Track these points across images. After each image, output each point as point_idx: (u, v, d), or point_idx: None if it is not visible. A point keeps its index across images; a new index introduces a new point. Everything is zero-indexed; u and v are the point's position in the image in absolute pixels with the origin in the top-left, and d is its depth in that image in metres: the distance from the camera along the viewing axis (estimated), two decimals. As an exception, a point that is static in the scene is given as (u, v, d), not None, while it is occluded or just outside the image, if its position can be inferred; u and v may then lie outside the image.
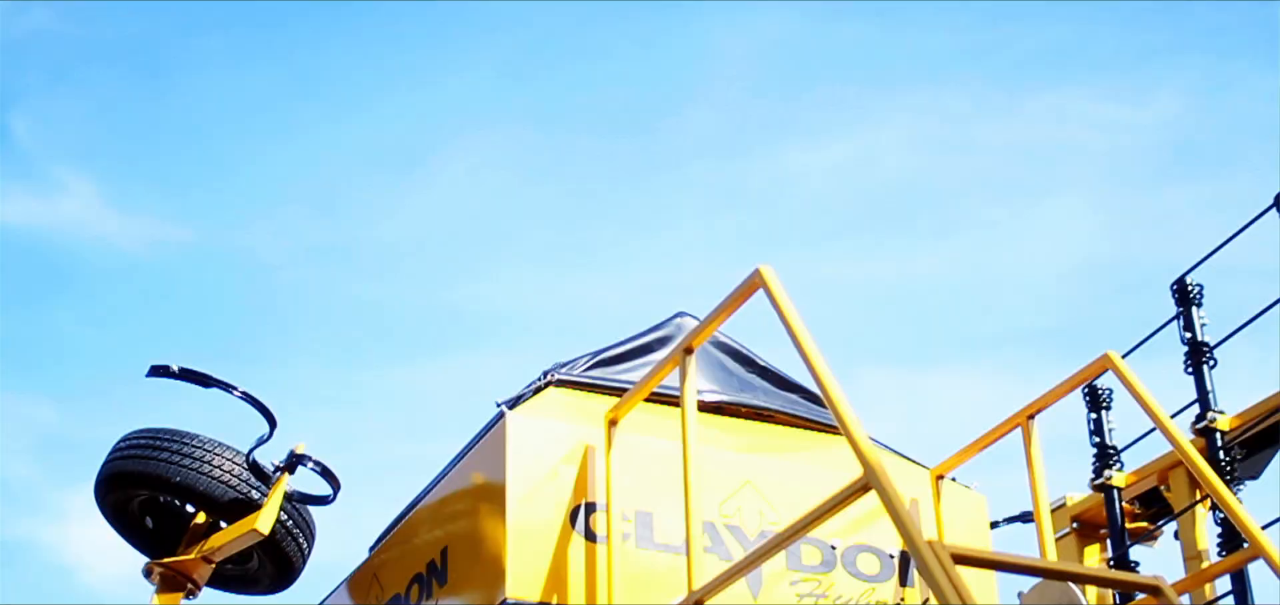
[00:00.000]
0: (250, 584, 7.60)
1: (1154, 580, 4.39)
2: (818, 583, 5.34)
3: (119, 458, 7.13)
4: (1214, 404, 7.21)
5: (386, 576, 5.96)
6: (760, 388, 6.08)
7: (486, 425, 5.41)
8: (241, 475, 6.96)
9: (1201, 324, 7.32)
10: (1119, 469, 7.72)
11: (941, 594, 3.66)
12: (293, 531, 7.17)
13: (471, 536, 5.31)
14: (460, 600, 5.27)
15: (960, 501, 5.84)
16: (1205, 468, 5.27)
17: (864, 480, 3.97)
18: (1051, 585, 4.99)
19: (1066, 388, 5.57)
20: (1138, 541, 7.84)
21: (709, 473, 5.16)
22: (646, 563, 5.14)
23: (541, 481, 5.13)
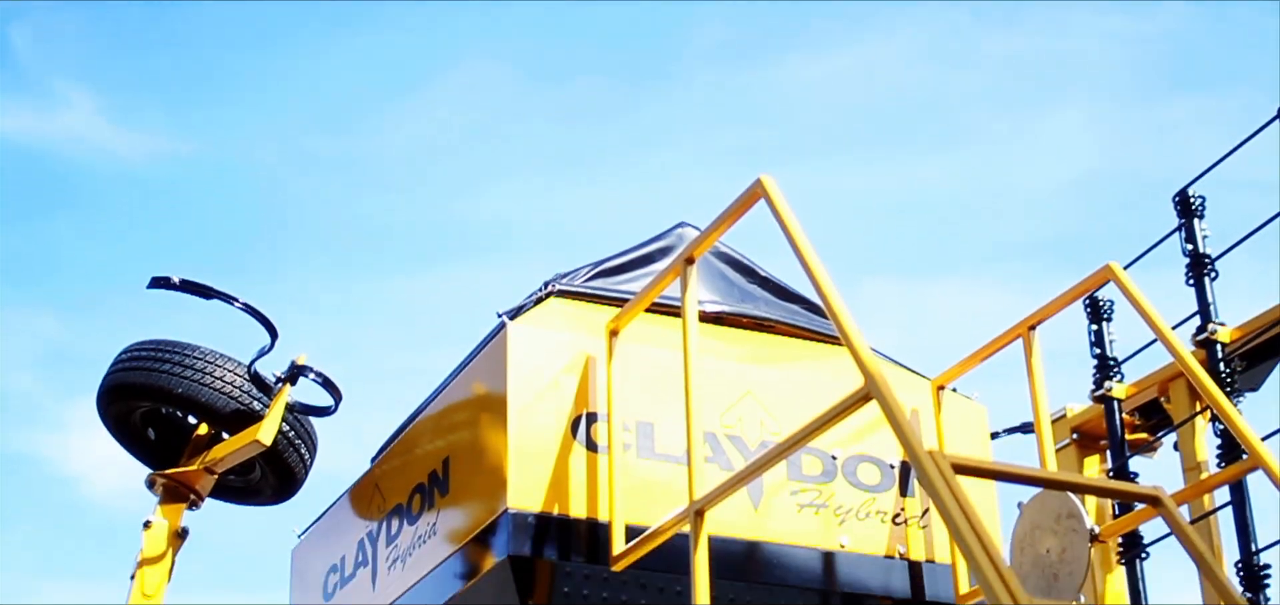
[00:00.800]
0: (252, 495, 7.64)
1: (1153, 490, 4.40)
2: (818, 493, 5.36)
3: (121, 370, 7.14)
4: (1215, 316, 7.22)
5: (388, 486, 5.98)
6: (761, 298, 6.08)
7: (488, 336, 5.41)
8: (243, 386, 6.97)
9: (1203, 236, 7.32)
10: (1119, 380, 7.74)
11: (941, 503, 3.68)
12: (294, 442, 7.19)
13: (473, 447, 5.33)
14: (461, 510, 5.29)
15: (961, 412, 5.86)
16: (1206, 379, 5.28)
17: (865, 390, 3.97)
18: (1051, 495, 5.00)
19: (1068, 298, 5.57)
20: (1137, 452, 7.87)
21: (710, 383, 5.17)
22: (647, 472, 5.15)
23: (542, 391, 5.13)
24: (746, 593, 5.15)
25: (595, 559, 5.00)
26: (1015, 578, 3.47)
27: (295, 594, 6.84)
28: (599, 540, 5.01)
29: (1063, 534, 4.97)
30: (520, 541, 4.91)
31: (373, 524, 6.04)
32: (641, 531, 4.84)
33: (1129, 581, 7.40)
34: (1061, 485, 5.03)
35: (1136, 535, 7.30)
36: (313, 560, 6.68)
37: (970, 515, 3.62)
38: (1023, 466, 4.37)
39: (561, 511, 5.00)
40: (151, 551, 7.10)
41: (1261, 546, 6.72)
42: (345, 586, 6.23)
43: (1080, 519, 4.91)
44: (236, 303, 7.08)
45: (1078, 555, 4.91)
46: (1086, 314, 7.87)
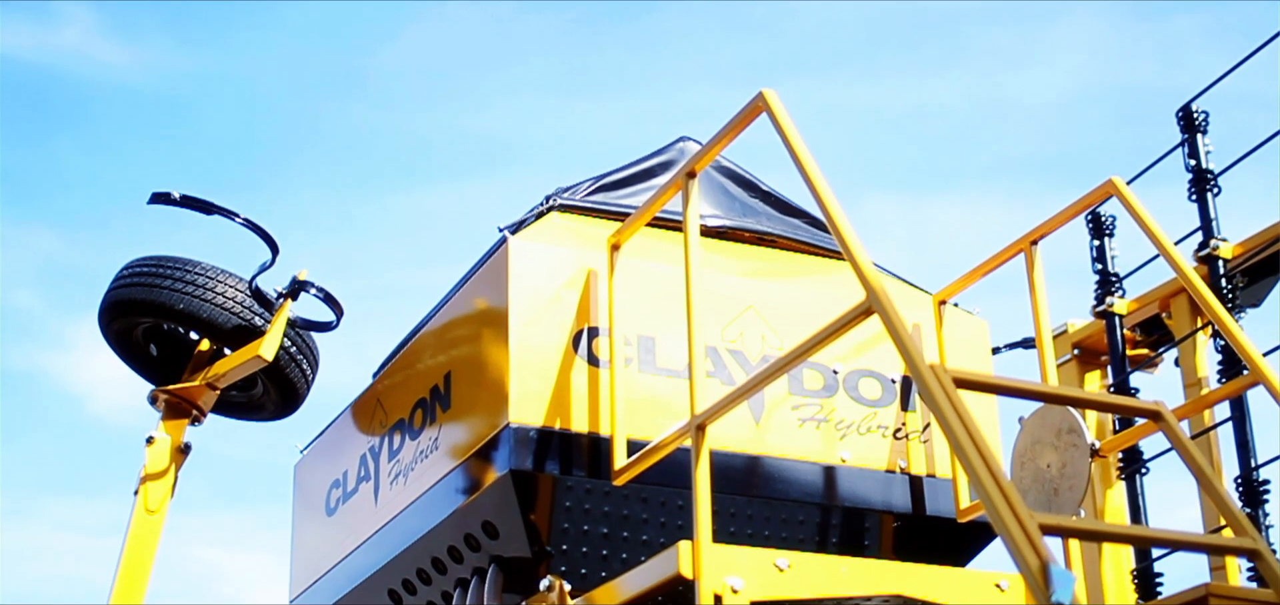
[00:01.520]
0: (255, 410, 7.66)
1: (1154, 405, 4.41)
2: (819, 407, 5.37)
3: (122, 286, 7.14)
4: (1217, 232, 7.21)
5: (390, 402, 5.99)
6: (763, 212, 6.07)
7: (489, 250, 5.41)
8: (244, 302, 6.97)
9: (1206, 151, 7.30)
10: (1120, 296, 7.74)
11: (943, 418, 3.68)
12: (296, 358, 7.20)
13: (474, 361, 5.33)
14: (463, 425, 5.30)
15: (962, 327, 5.86)
16: (1207, 294, 5.28)
17: (866, 304, 3.97)
18: (1052, 410, 5.01)
19: (1070, 213, 5.56)
20: (1138, 368, 7.88)
21: (711, 297, 5.17)
22: (649, 387, 5.16)
23: (544, 306, 5.13)
24: (747, 507, 5.17)
25: (597, 473, 5.01)
26: (1016, 492, 3.48)
27: (298, 509, 6.87)
28: (600, 454, 5.03)
29: (1063, 449, 4.98)
30: (522, 456, 4.93)
31: (375, 439, 6.06)
32: (643, 446, 4.85)
33: (1129, 496, 7.43)
34: (1062, 400, 5.04)
35: (1136, 451, 7.33)
36: (315, 475, 6.71)
37: (971, 429, 3.63)
38: (1024, 381, 4.38)
39: (563, 426, 5.01)
40: (154, 467, 7.12)
41: (1261, 462, 6.74)
42: (347, 501, 6.26)
43: (1081, 434, 4.92)
44: (237, 218, 7.07)
45: (1078, 470, 4.93)
46: (1088, 229, 7.86)
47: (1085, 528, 5.19)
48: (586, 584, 4.95)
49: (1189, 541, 4.38)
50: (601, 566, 5.04)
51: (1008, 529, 3.39)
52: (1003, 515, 3.41)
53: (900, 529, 5.46)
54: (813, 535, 5.29)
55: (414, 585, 5.73)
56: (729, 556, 4.36)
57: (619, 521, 5.07)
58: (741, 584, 4.29)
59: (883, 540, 5.44)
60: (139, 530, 7.06)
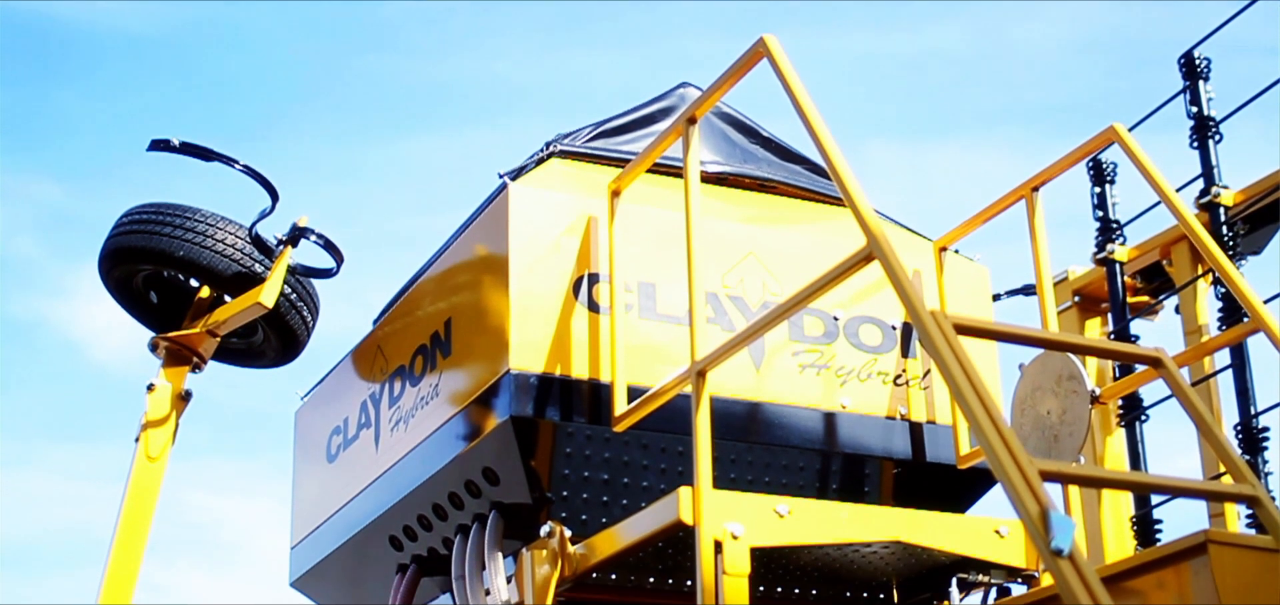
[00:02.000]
0: (255, 357, 7.66)
1: (1154, 352, 4.41)
2: (820, 353, 5.37)
3: (122, 233, 7.14)
4: (1218, 179, 7.20)
5: (390, 348, 5.99)
6: (763, 159, 6.06)
7: (489, 197, 5.40)
8: (244, 249, 6.97)
9: (1208, 98, 7.27)
10: (1121, 243, 7.73)
11: (943, 364, 3.68)
12: (296, 304, 7.20)
13: (474, 308, 5.33)
14: (463, 371, 5.30)
15: (963, 273, 5.85)
16: (1208, 241, 5.27)
17: (867, 250, 3.97)
18: (1052, 357, 5.01)
19: (1071, 159, 5.54)
20: (1138, 315, 7.88)
21: (712, 243, 5.16)
22: (649, 333, 5.16)
23: (544, 252, 5.13)
24: (748, 453, 5.18)
25: (597, 420, 5.02)
26: (1016, 439, 3.48)
27: (299, 456, 6.88)
28: (601, 401, 5.03)
29: (1063, 396, 4.99)
30: (522, 402, 4.93)
31: (375, 386, 6.07)
32: (643, 392, 4.86)
33: (1129, 443, 7.43)
34: (1063, 346, 5.04)
35: (1136, 397, 7.33)
36: (316, 422, 6.72)
37: (972, 376, 3.63)
38: (1024, 327, 4.38)
39: (563, 372, 5.02)
40: (155, 414, 7.14)
41: (1260, 409, 6.75)
42: (348, 448, 6.27)
43: (1081, 381, 4.92)
44: (237, 165, 7.06)
45: (1078, 417, 4.94)
46: (1090, 176, 7.85)
47: (1085, 474, 5.20)
48: (587, 530, 4.96)
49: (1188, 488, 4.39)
50: (602, 512, 5.05)
51: (1007, 475, 3.39)
52: (1003, 461, 3.41)
53: (900, 475, 5.47)
54: (813, 481, 5.29)
55: (414, 531, 5.74)
56: (729, 502, 4.37)
57: (619, 468, 5.08)
58: (741, 530, 4.30)
59: (882, 486, 5.45)
60: (140, 477, 7.08)
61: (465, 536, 5.38)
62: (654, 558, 4.90)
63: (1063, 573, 3.16)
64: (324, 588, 6.67)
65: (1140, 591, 3.90)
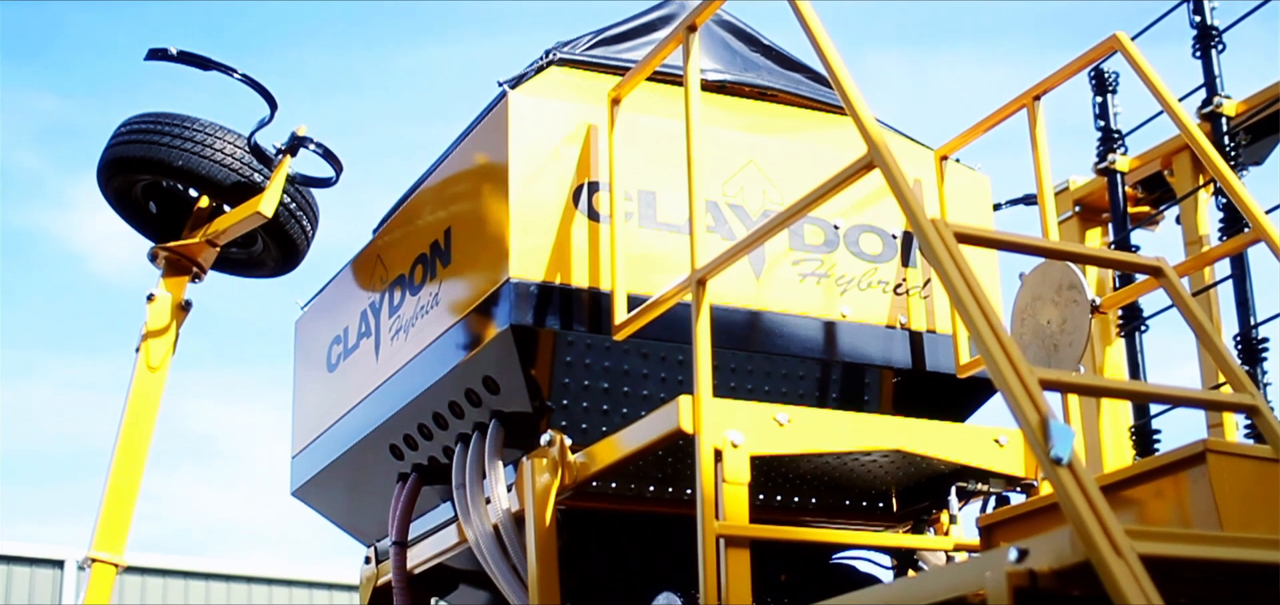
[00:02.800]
0: (255, 267, 7.67)
1: (1155, 261, 4.40)
2: (820, 262, 5.37)
3: (120, 143, 7.13)
4: (1221, 89, 7.18)
5: (390, 257, 5.99)
6: (764, 67, 6.03)
7: (488, 105, 5.37)
8: (243, 158, 6.96)
9: (1211, 7, 7.24)
10: (1123, 153, 7.72)
11: (943, 272, 3.68)
12: (296, 214, 7.21)
13: (474, 217, 5.32)
14: (463, 280, 5.30)
15: (963, 182, 5.84)
16: (1210, 150, 5.25)
17: (868, 158, 3.95)
18: (1053, 265, 5.00)
19: (1073, 68, 5.51)
20: (1139, 226, 7.88)
21: (712, 152, 5.15)
22: (649, 242, 5.15)
23: (544, 161, 5.11)
24: (748, 362, 5.18)
25: (597, 328, 5.02)
26: (1016, 347, 3.48)
27: (299, 365, 6.89)
28: (601, 309, 5.03)
29: (1063, 305, 4.98)
30: (522, 311, 4.93)
31: (375, 295, 6.07)
32: (643, 301, 4.85)
33: (1128, 353, 7.45)
34: (1063, 255, 5.03)
35: (1136, 307, 7.34)
36: (316, 332, 6.72)
37: (972, 284, 3.62)
38: (1025, 236, 4.36)
39: (563, 281, 5.01)
40: (155, 324, 7.16)
41: (1261, 320, 6.76)
42: (348, 357, 6.28)
43: (1081, 290, 4.92)
44: (235, 74, 7.04)
45: (1078, 326, 4.94)
46: (1091, 86, 7.82)
47: (1085, 383, 5.20)
48: (587, 438, 4.98)
49: (1188, 397, 4.39)
50: (602, 421, 5.06)
51: (1007, 384, 3.39)
52: (1002, 370, 3.41)
53: (900, 384, 5.48)
54: (812, 390, 5.30)
55: (415, 440, 5.76)
56: (729, 411, 4.38)
57: (619, 376, 5.09)
58: (741, 438, 4.31)
59: (882, 396, 5.46)
60: (141, 387, 7.11)
61: (465, 445, 5.40)
62: (654, 466, 4.91)
63: (1062, 481, 3.17)
64: (325, 497, 6.70)
65: (1139, 501, 3.91)
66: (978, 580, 3.34)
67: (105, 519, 6.91)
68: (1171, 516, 3.79)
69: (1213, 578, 3.54)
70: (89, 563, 6.84)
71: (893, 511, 5.44)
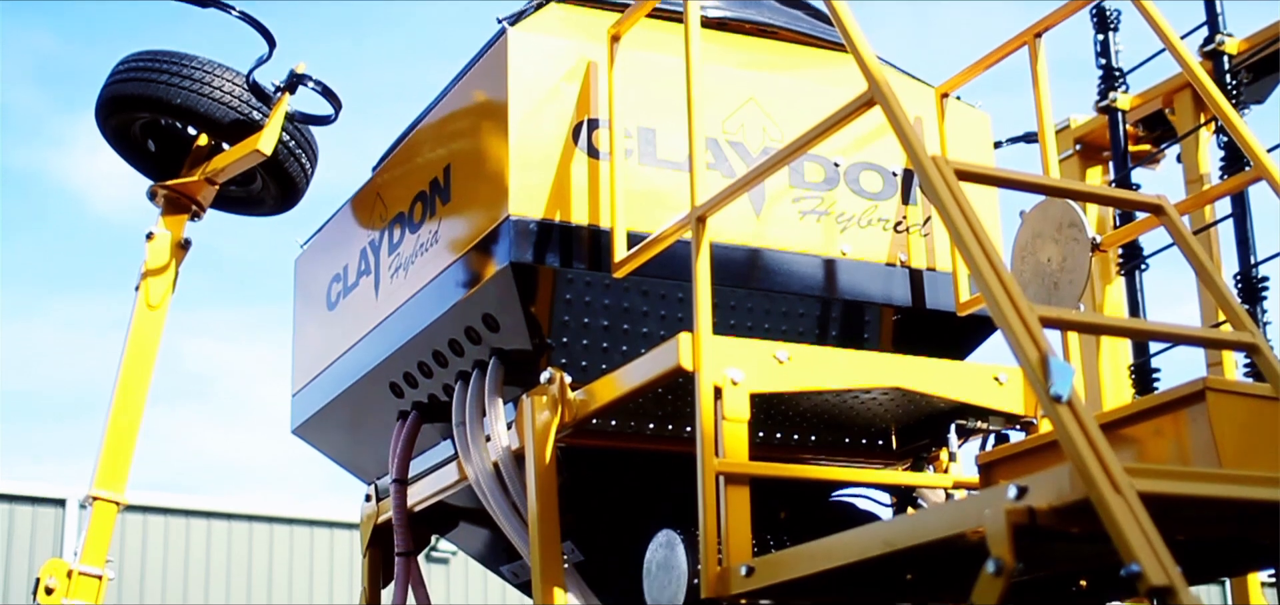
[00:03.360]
0: (254, 205, 7.66)
1: (1156, 199, 4.40)
2: (820, 200, 5.36)
3: (118, 81, 7.11)
4: (1223, 27, 7.15)
5: (389, 195, 5.97)
6: (765, 3, 5.99)
7: (487, 42, 5.35)
8: (242, 96, 6.94)
9: (1214, -56, 7.21)
10: (1124, 91, 7.70)
11: (944, 209, 3.67)
12: (295, 152, 7.19)
13: (474, 154, 5.31)
14: (463, 218, 5.29)
15: (964, 120, 5.82)
16: (1212, 88, 5.23)
17: (868, 95, 3.94)
18: (1053, 204, 4.99)
19: (1075, 6, 5.48)
20: (1140, 164, 7.88)
21: (712, 89, 5.12)
22: (649, 179, 5.14)
23: (543, 98, 5.09)
24: (747, 299, 5.18)
25: (597, 266, 5.01)
26: (1016, 285, 3.48)
27: (299, 304, 6.89)
28: (601, 247, 5.02)
29: (1064, 243, 4.98)
30: (522, 248, 4.92)
31: (375, 233, 6.06)
32: (643, 238, 4.85)
33: (1128, 292, 7.46)
34: (1064, 192, 5.02)
35: (1137, 246, 7.34)
36: (316, 270, 6.72)
37: (972, 221, 3.62)
38: (1025, 173, 4.36)
39: (563, 218, 5.00)
40: (155, 263, 7.16)
41: (1261, 258, 6.76)
42: (348, 295, 6.27)
43: (1082, 228, 4.91)
44: (233, 11, 7.01)
45: (1078, 264, 4.93)
46: (1093, 23, 7.79)
47: (1085, 320, 5.21)
48: (587, 376, 4.98)
49: (1188, 336, 4.41)
50: (602, 359, 5.06)
51: (1007, 321, 3.39)
52: (1003, 307, 3.41)
53: (900, 322, 5.47)
54: (812, 328, 5.30)
55: (415, 378, 5.76)
56: (729, 348, 4.38)
57: (619, 314, 5.09)
58: (741, 376, 4.31)
59: (882, 333, 5.46)
60: (141, 326, 7.12)
61: (465, 383, 5.41)
62: (654, 404, 4.92)
63: (1061, 419, 3.18)
64: (325, 435, 6.71)
65: (1138, 439, 3.92)
66: (977, 517, 3.35)
67: (106, 458, 6.93)
68: (1171, 455, 3.80)
69: (1211, 516, 3.55)
70: (90, 501, 6.86)
71: (892, 449, 5.45)
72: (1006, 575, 3.14)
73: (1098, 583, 4.43)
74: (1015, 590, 3.53)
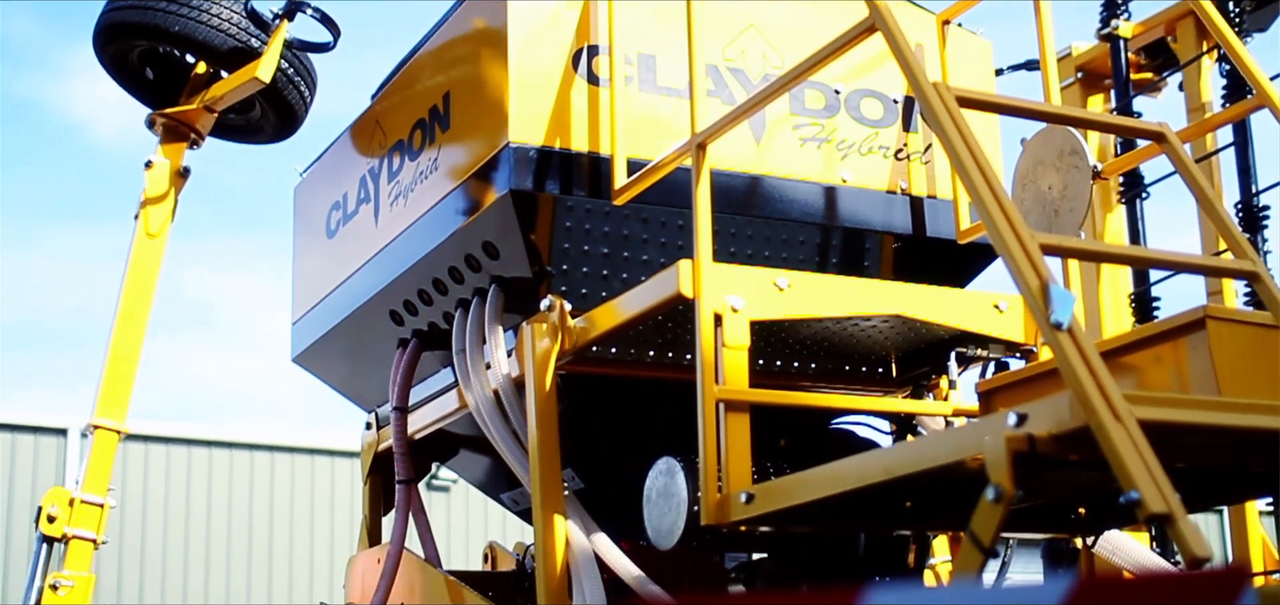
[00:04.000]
0: (253, 133, 7.65)
1: (1158, 126, 4.38)
2: (821, 127, 5.34)
3: (116, 8, 7.09)
4: (1226, -47, 7.10)
5: (388, 123, 5.95)
6: (766, -71, 5.95)
7: (487, -31, 5.32)
8: (240, 23, 6.91)
9: None
10: (1126, 18, 7.66)
11: (945, 136, 3.66)
12: (294, 80, 7.17)
13: (473, 81, 5.29)
14: (463, 145, 5.27)
15: (965, 47, 5.79)
16: (1214, 15, 5.21)
17: (869, 21, 3.92)
18: (1055, 131, 4.97)
19: (1078, -68, 5.45)
20: (1142, 92, 7.85)
21: (712, 15, 5.10)
22: (649, 106, 5.12)
23: (543, 25, 5.06)
24: (748, 227, 5.17)
25: (597, 193, 5.00)
26: (1017, 212, 3.47)
27: (298, 232, 6.87)
28: (601, 174, 5.01)
29: (1065, 170, 4.96)
30: (522, 175, 4.91)
31: (374, 161, 6.04)
32: (643, 165, 4.83)
33: (1129, 220, 7.46)
34: (1065, 120, 5.00)
35: (1138, 174, 7.33)
36: (315, 198, 6.70)
37: (974, 148, 3.61)
38: (1027, 100, 4.34)
39: (563, 145, 4.99)
40: (154, 191, 7.15)
41: (1262, 187, 6.75)
42: (348, 223, 6.26)
43: (1083, 156, 4.90)
44: (230, -63, 6.97)
45: (1079, 192, 4.92)
46: (1096, -50, 7.75)
47: (1085, 248, 5.21)
48: (587, 304, 4.98)
49: (1188, 263, 4.40)
50: (602, 286, 5.06)
51: (1008, 248, 3.39)
52: (1003, 234, 3.40)
53: (900, 250, 5.47)
54: (813, 255, 5.30)
55: (415, 306, 5.76)
56: (729, 276, 4.37)
57: (619, 241, 5.08)
58: (741, 303, 4.31)
59: (882, 261, 5.45)
60: (141, 254, 7.12)
61: (465, 311, 5.40)
62: (654, 331, 4.92)
63: (1061, 346, 3.17)
64: (325, 363, 6.71)
65: (1138, 367, 3.92)
66: (976, 445, 3.36)
67: (107, 387, 6.95)
68: (1170, 383, 3.81)
69: (1211, 443, 3.56)
70: (92, 430, 6.88)
71: (892, 377, 5.45)
72: (1005, 502, 3.15)
73: (1096, 510, 4.45)
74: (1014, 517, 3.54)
